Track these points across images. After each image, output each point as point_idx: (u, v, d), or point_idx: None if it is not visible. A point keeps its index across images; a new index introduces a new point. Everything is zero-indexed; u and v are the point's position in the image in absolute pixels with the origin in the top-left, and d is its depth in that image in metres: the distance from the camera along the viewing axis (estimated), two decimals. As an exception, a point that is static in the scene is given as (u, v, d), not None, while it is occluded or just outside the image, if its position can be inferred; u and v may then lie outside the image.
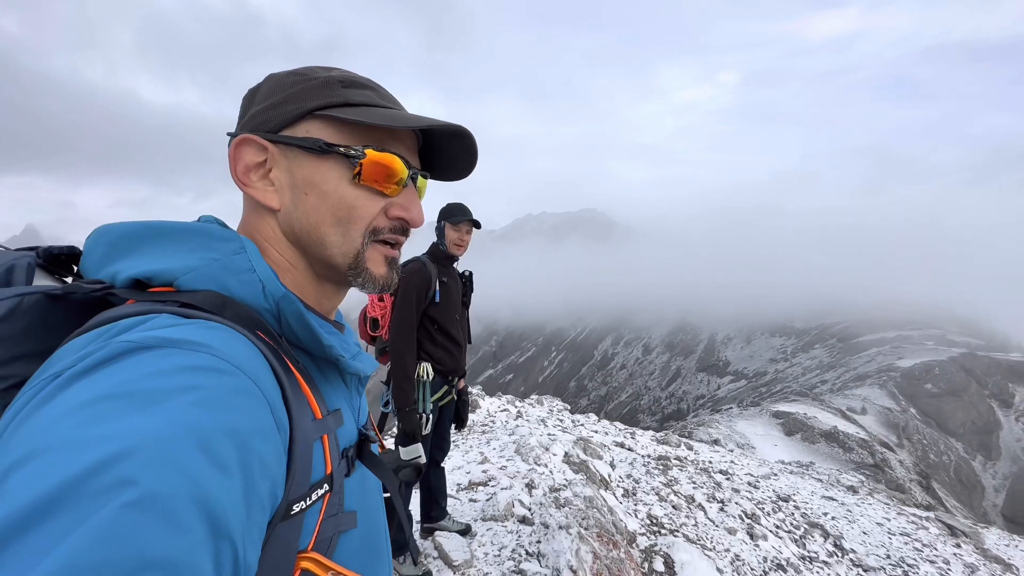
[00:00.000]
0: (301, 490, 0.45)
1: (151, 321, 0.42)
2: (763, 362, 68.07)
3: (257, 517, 0.39)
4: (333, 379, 0.58)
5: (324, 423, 0.51)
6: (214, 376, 0.39)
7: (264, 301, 0.51)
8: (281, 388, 0.46)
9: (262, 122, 0.56)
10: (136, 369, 0.37)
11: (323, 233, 0.56)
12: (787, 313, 79.15)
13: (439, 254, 2.60)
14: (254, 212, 0.58)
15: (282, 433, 0.44)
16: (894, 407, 29.62)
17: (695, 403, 64.40)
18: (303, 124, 0.55)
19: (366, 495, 0.58)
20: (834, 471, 11.64)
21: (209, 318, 0.45)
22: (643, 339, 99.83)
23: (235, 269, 0.51)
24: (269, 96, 0.57)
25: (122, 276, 0.48)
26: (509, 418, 7.44)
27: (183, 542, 0.32)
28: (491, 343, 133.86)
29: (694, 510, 4.66)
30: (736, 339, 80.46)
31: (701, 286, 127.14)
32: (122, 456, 0.32)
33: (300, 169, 0.55)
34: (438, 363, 2.56)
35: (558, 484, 4.07)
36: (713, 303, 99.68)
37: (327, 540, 0.49)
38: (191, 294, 0.48)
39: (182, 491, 0.32)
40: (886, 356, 44.79)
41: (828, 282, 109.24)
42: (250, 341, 0.46)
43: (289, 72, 0.58)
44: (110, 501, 0.30)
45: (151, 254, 0.49)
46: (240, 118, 0.59)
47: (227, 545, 0.35)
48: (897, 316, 61.65)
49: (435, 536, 2.95)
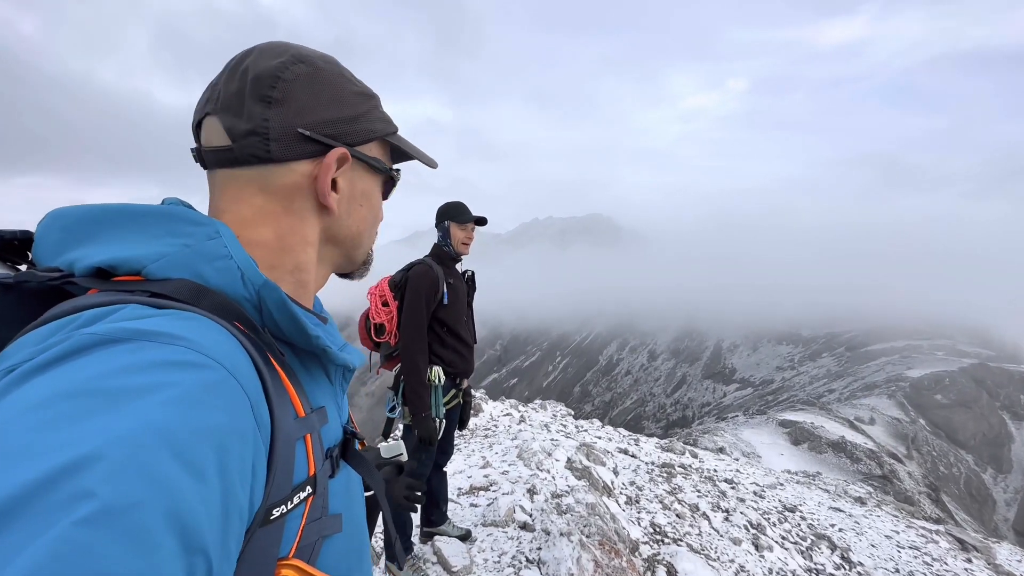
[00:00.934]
0: (282, 493, 0.42)
1: (120, 312, 0.38)
2: (769, 370, 67.51)
3: (235, 526, 0.36)
4: (317, 375, 0.55)
5: (307, 421, 0.47)
6: (190, 371, 0.35)
7: (243, 290, 0.47)
8: (263, 383, 0.42)
9: (342, 134, 0.56)
10: (102, 364, 0.33)
11: (364, 238, 0.64)
12: (794, 321, 78.54)
13: (443, 255, 2.53)
14: (293, 215, 0.55)
15: (263, 432, 0.40)
16: (903, 418, 29.23)
17: (700, 410, 63.91)
18: (371, 143, 0.61)
19: (351, 497, 0.56)
20: (841, 482, 11.48)
21: (184, 308, 0.41)
22: (648, 345, 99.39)
23: (209, 255, 0.46)
24: (338, 103, 0.56)
25: (82, 264, 0.43)
26: (512, 422, 7.39)
27: (149, 561, 0.28)
28: (496, 347, 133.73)
29: (698, 519, 4.59)
30: (742, 346, 79.89)
31: (707, 292, 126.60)
32: (82, 464, 0.28)
33: (361, 182, 0.60)
34: (449, 365, 2.51)
35: (560, 490, 4.02)
36: (719, 310, 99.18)
37: (310, 545, 0.46)
38: (162, 283, 0.43)
39: (150, 503, 0.29)
40: (895, 366, 44.28)
41: (836, 290, 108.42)
42: (229, 332, 0.42)
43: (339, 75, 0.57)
44: (66, 516, 0.26)
45: (114, 240, 0.44)
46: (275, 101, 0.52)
47: (201, 560, 0.32)
48: (906, 325, 61.01)
49: (435, 541, 2.91)
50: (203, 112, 0.54)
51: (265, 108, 0.52)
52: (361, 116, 0.59)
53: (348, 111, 0.57)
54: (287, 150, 0.53)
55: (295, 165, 0.54)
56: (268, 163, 0.53)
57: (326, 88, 0.56)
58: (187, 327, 0.39)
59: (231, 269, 0.46)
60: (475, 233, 2.58)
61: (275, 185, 0.54)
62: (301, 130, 0.53)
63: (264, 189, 0.53)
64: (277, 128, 0.52)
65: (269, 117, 0.52)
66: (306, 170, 0.54)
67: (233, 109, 0.52)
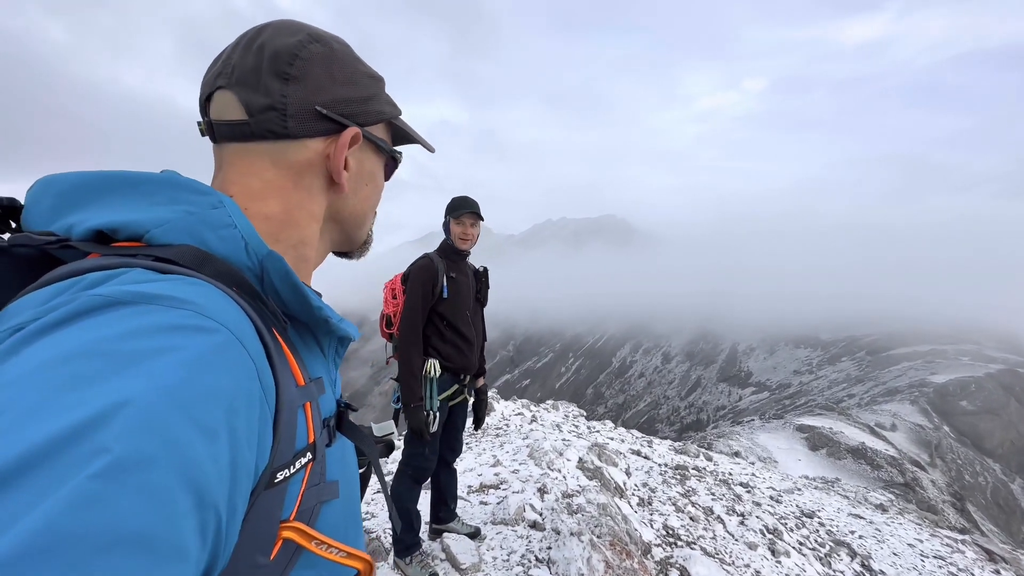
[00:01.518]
0: (285, 458, 0.43)
1: (126, 275, 0.38)
2: (787, 374, 66.25)
3: (243, 485, 0.37)
4: (312, 347, 0.56)
5: (307, 390, 0.49)
6: (198, 335, 0.36)
7: (247, 259, 0.47)
8: (266, 350, 0.43)
9: (357, 114, 0.58)
10: (112, 326, 0.34)
11: (367, 217, 0.65)
12: (813, 324, 76.99)
13: (448, 250, 2.59)
14: (303, 190, 0.56)
15: (268, 397, 0.41)
16: (926, 424, 28.41)
17: (715, 414, 63.02)
18: (379, 124, 0.62)
19: (346, 466, 0.57)
20: (861, 488, 11.19)
21: (188, 273, 0.41)
22: (662, 347, 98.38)
23: (214, 223, 0.46)
24: (352, 84, 0.58)
25: (82, 227, 0.43)
26: (524, 422, 7.36)
27: (162, 515, 0.29)
28: (508, 348, 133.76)
29: (712, 522, 4.50)
30: (759, 349, 78.59)
31: (723, 294, 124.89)
32: (98, 421, 0.29)
33: (368, 162, 0.62)
34: (446, 360, 2.52)
35: (571, 490, 3.98)
36: (735, 312, 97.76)
37: (309, 509, 0.48)
38: (166, 248, 0.43)
39: (164, 460, 0.30)
40: (918, 371, 43.07)
41: (857, 293, 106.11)
42: (232, 299, 0.42)
43: (352, 57, 0.59)
44: (82, 470, 0.27)
45: (114, 205, 0.44)
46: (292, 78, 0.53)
47: (212, 516, 0.33)
48: (930, 330, 59.36)
49: (443, 538, 2.89)
50: (214, 85, 0.54)
51: (283, 84, 0.52)
52: (372, 97, 0.61)
53: (361, 92, 0.59)
54: (304, 127, 0.54)
55: (309, 142, 0.55)
56: (284, 139, 0.54)
57: (340, 68, 0.57)
58: (193, 292, 0.39)
59: (235, 238, 0.47)
60: (478, 229, 2.57)
61: (288, 160, 0.54)
62: (318, 107, 0.54)
63: (276, 164, 0.54)
64: (295, 104, 0.53)
65: (287, 93, 0.52)
66: (319, 147, 0.56)
67: (250, 84, 0.52)
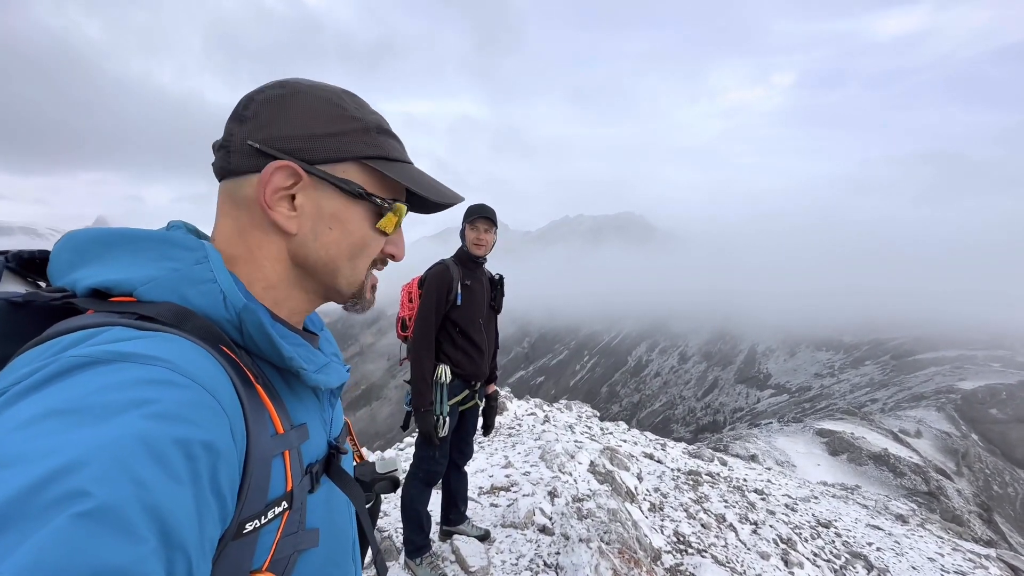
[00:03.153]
0: (255, 508, 0.45)
1: (103, 334, 0.41)
2: (807, 376, 64.86)
3: (209, 530, 0.39)
4: (300, 391, 0.57)
5: (286, 438, 0.50)
6: (169, 389, 0.38)
7: (225, 312, 0.50)
8: (240, 402, 0.45)
9: (298, 150, 0.55)
10: (87, 384, 0.36)
11: (338, 265, 0.60)
12: (836, 326, 75.12)
13: (463, 256, 2.60)
14: (258, 229, 0.56)
15: (238, 448, 0.43)
16: (953, 432, 27.53)
17: (732, 416, 62.09)
18: (342, 165, 0.57)
19: (332, 512, 0.57)
20: (883, 497, 10.93)
21: (167, 331, 0.44)
22: (679, 347, 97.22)
23: (195, 279, 0.49)
24: (304, 122, 0.56)
25: (82, 285, 0.47)
26: (536, 422, 7.38)
27: (136, 552, 0.31)
28: (523, 344, 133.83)
29: (724, 530, 4.46)
30: (778, 351, 77.08)
31: (742, 294, 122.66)
32: (73, 467, 0.31)
33: (329, 204, 0.57)
34: (457, 366, 2.54)
35: (582, 494, 3.99)
36: (755, 312, 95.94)
37: (284, 559, 0.48)
38: (150, 305, 0.47)
39: (134, 500, 0.32)
40: (945, 376, 41.73)
41: (884, 295, 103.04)
42: (210, 354, 0.45)
43: (323, 99, 0.57)
44: (62, 512, 0.30)
45: (113, 262, 0.49)
46: (244, 119, 0.55)
47: (181, 556, 0.35)
48: (960, 334, 57.35)
49: (453, 539, 2.94)
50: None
51: (237, 125, 0.56)
52: (332, 135, 0.57)
53: (317, 128, 0.56)
54: (241, 162, 0.55)
55: (250, 178, 0.55)
56: (232, 175, 0.56)
57: (295, 108, 0.56)
58: (168, 349, 0.41)
59: (214, 292, 0.49)
60: (493, 236, 2.57)
61: (239, 197, 0.56)
62: (251, 143, 0.55)
63: (235, 203, 0.57)
64: (236, 141, 0.55)
65: (234, 132, 0.56)
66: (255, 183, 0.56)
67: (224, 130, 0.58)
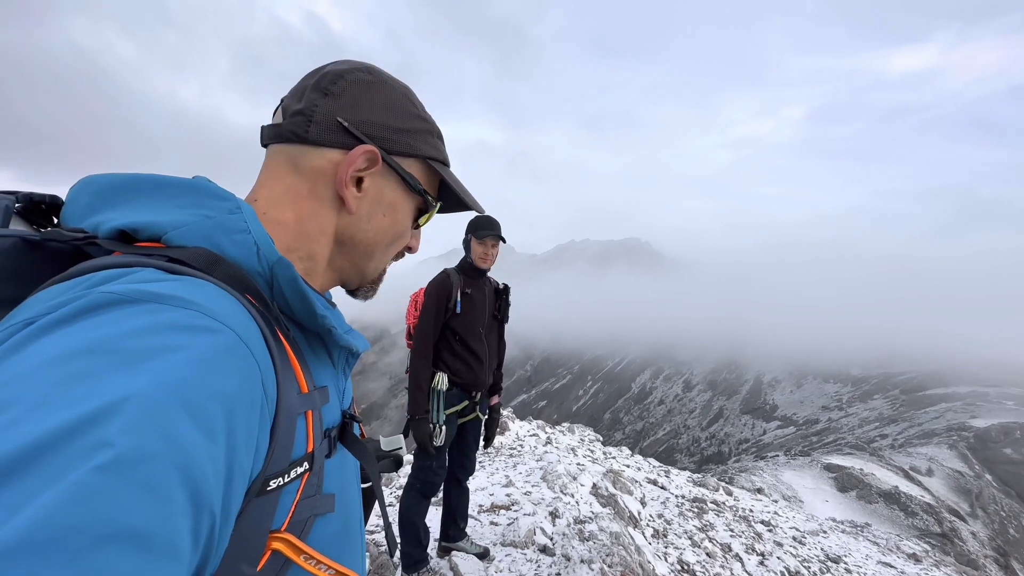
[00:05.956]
0: (280, 466, 0.43)
1: (136, 274, 0.40)
2: (814, 409, 63.68)
3: (237, 489, 0.37)
4: (321, 355, 0.56)
5: (310, 398, 0.49)
6: (203, 335, 0.37)
7: (257, 264, 0.48)
8: (270, 354, 0.43)
9: (379, 137, 0.58)
10: (119, 324, 0.34)
11: (377, 250, 0.62)
12: (844, 358, 74.10)
13: (466, 267, 2.63)
14: (315, 200, 0.57)
15: (269, 402, 0.42)
16: (966, 471, 26.74)
17: (737, 447, 60.80)
18: (408, 159, 0.61)
19: (345, 480, 0.56)
20: (893, 536, 10.58)
21: (197, 275, 0.43)
22: (684, 375, 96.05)
23: (229, 228, 0.48)
24: (386, 112, 0.59)
25: (107, 226, 0.45)
26: (538, 443, 7.27)
27: (161, 512, 0.29)
28: (526, 367, 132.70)
29: (730, 560, 4.33)
30: (785, 382, 75.95)
31: (750, 324, 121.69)
32: (102, 416, 0.29)
33: (391, 193, 0.60)
34: (455, 375, 2.55)
35: (583, 516, 3.90)
36: (761, 342, 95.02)
37: (302, 522, 0.47)
38: (180, 250, 0.45)
39: (165, 456, 0.30)
40: (957, 413, 40.76)
41: (894, 328, 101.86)
42: (240, 302, 0.43)
43: (402, 94, 0.61)
44: (84, 463, 0.28)
45: (140, 206, 0.47)
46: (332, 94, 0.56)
47: (207, 517, 0.33)
48: (972, 370, 56.29)
49: (452, 556, 2.87)
50: (280, 101, 0.60)
51: (320, 97, 0.56)
52: (408, 131, 0.60)
53: (395, 122, 0.59)
54: (323, 135, 0.56)
55: (327, 151, 0.56)
56: (305, 143, 0.56)
57: (382, 97, 0.59)
58: (200, 293, 0.40)
59: (248, 243, 0.48)
60: (498, 250, 2.61)
61: (305, 166, 0.56)
62: (340, 120, 0.56)
63: (296, 169, 0.56)
64: (321, 113, 0.56)
65: (319, 104, 0.56)
66: (335, 158, 0.56)
67: (298, 95, 0.57)
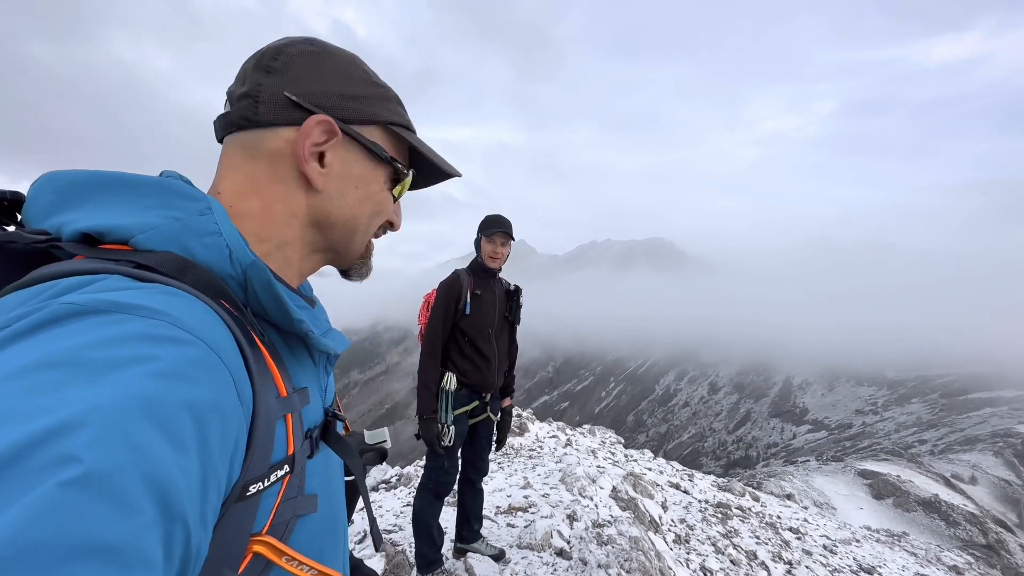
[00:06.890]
0: (259, 471, 0.42)
1: (101, 282, 0.37)
2: (847, 413, 61.44)
3: (213, 499, 0.36)
4: (300, 356, 0.55)
5: (289, 401, 0.48)
6: (171, 346, 0.35)
7: (230, 268, 0.46)
8: (245, 361, 0.42)
9: (332, 107, 0.55)
10: (82, 336, 0.33)
11: (359, 224, 0.60)
12: (879, 360, 71.38)
13: (477, 267, 2.62)
14: (279, 183, 0.54)
15: (244, 409, 0.40)
16: (1014, 480, 25.32)
17: (766, 451, 59.15)
18: (368, 127, 0.58)
19: (329, 478, 0.56)
20: (933, 546, 10.09)
21: (167, 282, 0.40)
22: (710, 377, 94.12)
23: (199, 231, 0.45)
24: (336, 81, 0.56)
25: (70, 228, 0.42)
26: (558, 445, 7.21)
27: (129, 525, 0.28)
28: (548, 369, 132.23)
29: (756, 568, 4.19)
30: (816, 384, 73.59)
31: (778, 326, 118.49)
32: (66, 429, 0.28)
33: (357, 165, 0.58)
34: (463, 375, 2.54)
35: (602, 520, 3.83)
36: (791, 344, 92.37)
37: (283, 524, 0.46)
38: (148, 254, 0.42)
39: (131, 469, 0.29)
40: (1002, 419, 38.67)
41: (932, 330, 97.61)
42: (212, 309, 0.41)
43: (351, 62, 0.58)
44: (50, 478, 0.27)
45: (105, 206, 0.44)
46: (274, 71, 0.54)
47: (179, 528, 0.32)
48: (1016, 373, 53.43)
49: (467, 557, 2.86)
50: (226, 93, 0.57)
51: (264, 75, 0.53)
52: (363, 97, 0.57)
53: (348, 89, 0.56)
54: (274, 113, 0.53)
55: (281, 131, 0.53)
56: (257, 127, 0.53)
57: (329, 66, 0.56)
58: (169, 302, 0.38)
59: (219, 246, 0.46)
60: (509, 248, 2.58)
61: (262, 150, 0.53)
62: (288, 94, 0.53)
63: (254, 155, 0.54)
64: (267, 91, 0.53)
65: (264, 83, 0.53)
66: (290, 136, 0.53)
67: (241, 79, 0.55)
